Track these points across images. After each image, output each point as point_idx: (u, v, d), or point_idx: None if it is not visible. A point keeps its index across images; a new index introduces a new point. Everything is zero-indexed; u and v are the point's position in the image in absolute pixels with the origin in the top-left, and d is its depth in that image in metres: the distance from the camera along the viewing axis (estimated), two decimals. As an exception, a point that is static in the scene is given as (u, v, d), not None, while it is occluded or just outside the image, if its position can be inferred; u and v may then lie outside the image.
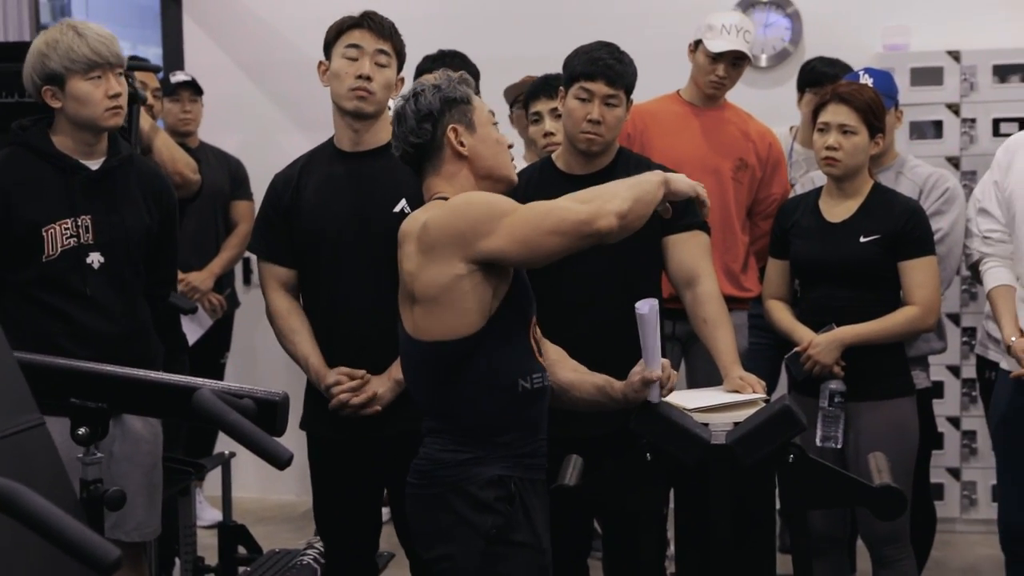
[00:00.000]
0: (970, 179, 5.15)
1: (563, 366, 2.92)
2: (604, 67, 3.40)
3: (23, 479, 1.90)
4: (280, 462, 2.36)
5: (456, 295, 2.61)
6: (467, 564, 2.63)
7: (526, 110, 4.19)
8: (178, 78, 5.51)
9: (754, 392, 3.16)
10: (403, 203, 3.31)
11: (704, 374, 3.91)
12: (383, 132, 3.39)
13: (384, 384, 3.33)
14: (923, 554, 4.31)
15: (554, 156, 3.59)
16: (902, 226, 3.66)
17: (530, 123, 4.08)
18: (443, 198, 2.72)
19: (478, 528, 2.63)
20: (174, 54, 6.24)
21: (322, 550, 3.91)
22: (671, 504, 3.08)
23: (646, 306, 2.71)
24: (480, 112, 2.78)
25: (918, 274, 3.66)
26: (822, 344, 3.64)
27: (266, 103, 6.18)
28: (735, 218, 4.31)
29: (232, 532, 4.36)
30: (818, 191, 3.85)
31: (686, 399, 3.09)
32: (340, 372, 3.34)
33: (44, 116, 3.37)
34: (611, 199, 2.63)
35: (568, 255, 2.67)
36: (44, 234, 3.27)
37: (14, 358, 2.38)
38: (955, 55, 5.35)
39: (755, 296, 4.22)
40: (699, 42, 4.31)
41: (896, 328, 3.67)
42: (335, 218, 3.37)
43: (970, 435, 5.36)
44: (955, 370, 5.34)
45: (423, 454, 2.72)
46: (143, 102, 3.95)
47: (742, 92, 4.58)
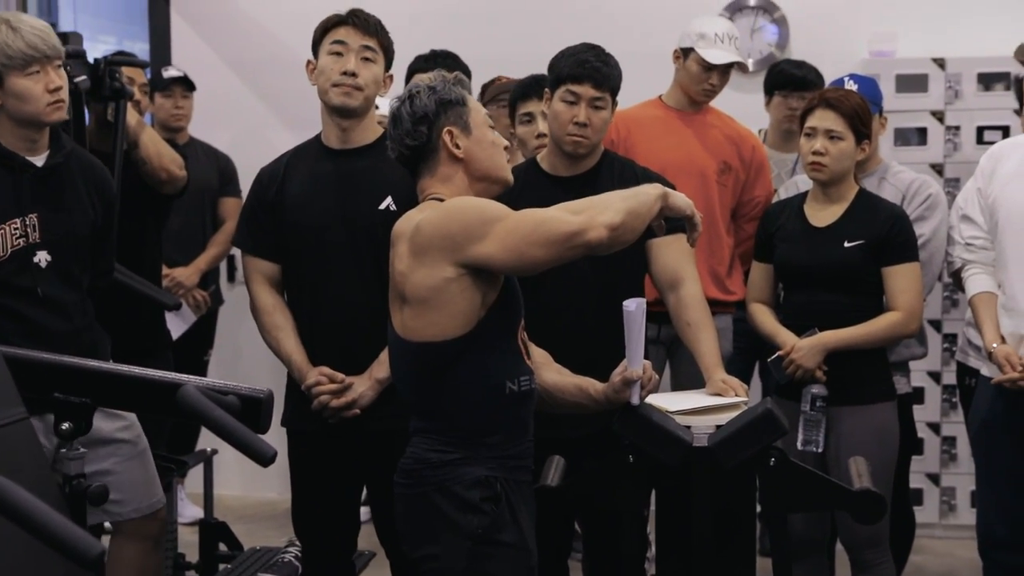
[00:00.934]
0: (954, 186, 5.15)
1: (547, 368, 2.93)
2: (591, 70, 3.40)
3: (7, 473, 1.91)
4: (264, 459, 2.37)
5: (446, 297, 2.60)
6: (453, 564, 2.63)
7: (512, 110, 4.19)
8: (170, 73, 5.50)
9: (736, 395, 3.17)
10: (389, 200, 3.31)
11: (688, 377, 3.91)
12: (370, 130, 3.40)
13: (365, 384, 3.33)
14: (902, 559, 4.34)
15: (539, 158, 3.58)
16: (886, 232, 3.67)
17: (520, 123, 4.08)
18: (439, 199, 2.71)
19: (464, 528, 2.62)
20: (161, 50, 6.21)
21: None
22: (651, 505, 3.09)
23: (634, 304, 2.72)
24: (476, 114, 2.77)
25: (901, 280, 3.68)
26: (805, 348, 3.65)
27: (254, 100, 6.16)
28: (720, 221, 4.33)
29: (213, 529, 4.35)
30: (803, 196, 3.86)
31: (668, 401, 3.10)
32: (321, 372, 3.34)
33: None
34: (604, 211, 2.60)
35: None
36: None
37: (-1, 353, 2.38)
38: (940, 63, 5.38)
39: (740, 299, 4.23)
40: (690, 50, 4.33)
41: (879, 333, 3.68)
42: (320, 213, 3.36)
43: (950, 441, 5.37)
44: (936, 376, 5.36)
45: (410, 454, 2.71)
46: (130, 98, 3.94)
47: (729, 97, 4.58)
